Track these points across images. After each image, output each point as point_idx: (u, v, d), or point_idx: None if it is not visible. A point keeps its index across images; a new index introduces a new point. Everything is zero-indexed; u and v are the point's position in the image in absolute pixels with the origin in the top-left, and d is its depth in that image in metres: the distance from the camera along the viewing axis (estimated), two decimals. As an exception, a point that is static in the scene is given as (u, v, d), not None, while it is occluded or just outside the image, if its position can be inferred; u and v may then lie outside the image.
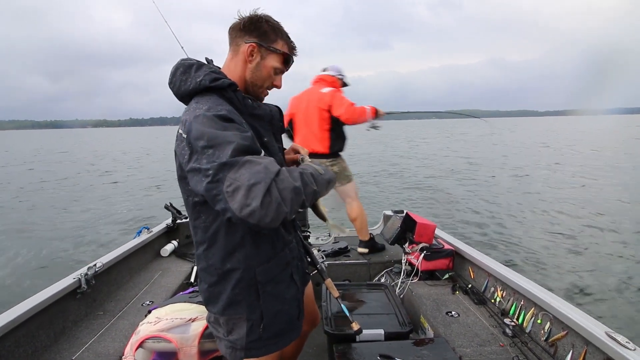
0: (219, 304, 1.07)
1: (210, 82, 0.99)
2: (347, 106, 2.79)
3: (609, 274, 4.19)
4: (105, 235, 6.74)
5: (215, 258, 1.05)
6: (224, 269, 1.04)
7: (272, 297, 1.08)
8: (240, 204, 0.80)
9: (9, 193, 11.37)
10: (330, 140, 2.90)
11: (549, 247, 5.18)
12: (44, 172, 16.61)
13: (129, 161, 21.11)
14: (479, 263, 2.26)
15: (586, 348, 1.44)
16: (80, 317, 1.99)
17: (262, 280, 1.06)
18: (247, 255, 1.04)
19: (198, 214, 1.03)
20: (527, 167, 13.31)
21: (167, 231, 3.16)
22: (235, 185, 0.80)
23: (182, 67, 1.04)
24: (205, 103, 0.95)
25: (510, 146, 22.52)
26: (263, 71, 1.09)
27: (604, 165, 13.21)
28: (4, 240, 6.56)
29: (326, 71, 3.05)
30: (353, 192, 3.00)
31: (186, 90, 1.02)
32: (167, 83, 1.07)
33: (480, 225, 6.36)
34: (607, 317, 3.34)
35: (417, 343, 1.54)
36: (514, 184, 10.00)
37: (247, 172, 0.81)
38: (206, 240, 1.05)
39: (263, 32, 1.06)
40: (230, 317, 1.07)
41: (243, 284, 1.05)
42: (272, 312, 1.08)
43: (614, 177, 10.61)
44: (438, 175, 11.60)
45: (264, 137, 1.08)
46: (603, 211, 6.73)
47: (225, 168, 0.82)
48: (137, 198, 10.20)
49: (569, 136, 32.52)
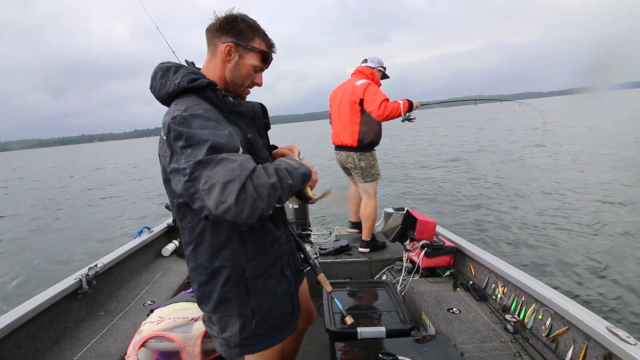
0: (211, 302, 1.08)
1: (189, 82, 1.00)
2: (380, 103, 2.72)
3: (610, 269, 4.20)
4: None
5: (203, 257, 1.06)
6: (212, 268, 1.05)
7: (262, 293, 1.09)
8: (215, 202, 0.80)
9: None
10: (359, 134, 2.88)
11: (550, 242, 5.18)
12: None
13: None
14: (480, 260, 2.26)
15: (587, 343, 1.44)
16: (81, 318, 2.00)
17: (251, 277, 1.07)
18: (234, 252, 1.05)
19: (183, 215, 1.04)
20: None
21: (168, 231, 3.16)
22: (211, 183, 0.81)
23: (160, 71, 1.05)
24: (183, 104, 0.96)
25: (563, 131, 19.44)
26: (242, 70, 1.09)
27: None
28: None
29: (365, 63, 3.02)
30: (373, 191, 2.99)
31: (166, 93, 1.02)
32: (149, 87, 1.07)
33: (480, 221, 6.36)
34: (607, 312, 3.35)
35: (419, 340, 1.55)
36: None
37: (223, 170, 0.82)
38: (193, 240, 1.06)
39: (239, 31, 1.06)
40: (222, 315, 1.08)
41: (232, 281, 1.05)
42: (263, 308, 1.09)
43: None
44: (458, 177, 11.34)
45: (248, 134, 1.09)
46: (611, 205, 6.69)
47: (200, 166, 0.83)
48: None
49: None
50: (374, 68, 2.99)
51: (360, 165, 2.93)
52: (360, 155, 2.92)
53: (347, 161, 3.01)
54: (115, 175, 19.60)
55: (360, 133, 2.88)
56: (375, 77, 2.98)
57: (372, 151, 2.97)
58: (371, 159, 2.95)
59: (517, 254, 4.87)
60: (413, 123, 2.99)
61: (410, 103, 2.83)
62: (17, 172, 31.25)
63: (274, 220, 1.17)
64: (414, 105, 2.87)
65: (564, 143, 14.35)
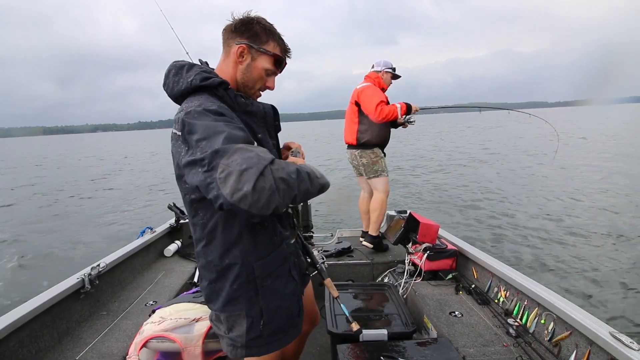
0: (219, 300, 1.08)
1: (201, 81, 1.01)
2: (375, 106, 2.86)
3: (614, 274, 4.17)
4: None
5: (213, 255, 1.06)
6: (223, 265, 1.05)
7: (271, 292, 1.09)
8: (232, 189, 0.78)
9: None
10: (357, 133, 3.05)
11: (553, 247, 5.16)
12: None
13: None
14: (483, 263, 2.25)
15: (590, 348, 1.43)
16: (83, 317, 2.00)
17: (260, 275, 1.07)
18: (245, 250, 1.05)
19: (196, 211, 1.05)
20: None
21: (171, 231, 3.17)
22: (228, 170, 0.79)
23: (174, 69, 1.06)
24: (197, 100, 0.97)
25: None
26: (254, 72, 1.10)
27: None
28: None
29: (373, 67, 3.15)
30: (381, 187, 3.07)
31: (179, 90, 1.04)
32: (163, 85, 1.09)
33: (483, 225, 6.35)
34: (611, 318, 3.33)
35: (421, 343, 1.54)
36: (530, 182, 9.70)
37: (240, 158, 0.80)
38: (204, 237, 1.06)
39: (254, 33, 1.07)
40: (230, 313, 1.08)
41: (242, 280, 1.06)
42: (271, 308, 1.09)
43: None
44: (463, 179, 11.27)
45: (258, 134, 1.10)
46: (613, 210, 6.66)
47: (217, 155, 0.82)
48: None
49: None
50: (379, 72, 3.11)
51: (362, 162, 3.08)
52: (361, 152, 3.07)
53: (352, 158, 3.20)
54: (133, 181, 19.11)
55: (359, 132, 3.05)
56: (381, 81, 3.09)
57: (374, 149, 3.06)
58: (372, 156, 3.05)
59: (520, 258, 4.85)
60: (414, 125, 3.12)
61: (408, 106, 2.95)
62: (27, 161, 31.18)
63: (281, 221, 1.17)
64: (413, 109, 2.99)
65: (574, 155, 14.20)
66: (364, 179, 3.19)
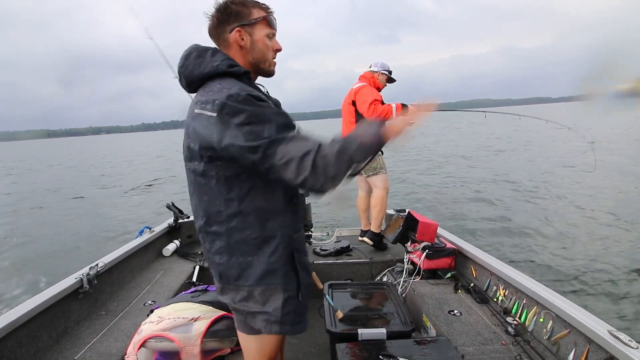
0: (254, 275, 1.06)
1: (228, 67, 1.02)
2: (369, 105, 2.85)
3: (612, 273, 4.18)
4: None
5: (252, 227, 1.05)
6: (262, 237, 1.06)
7: (303, 268, 1.12)
8: (294, 174, 0.90)
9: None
10: None
11: (552, 246, 5.16)
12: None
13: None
14: (481, 262, 2.25)
15: (589, 347, 1.43)
16: (82, 317, 2.00)
17: (297, 248, 1.11)
18: (284, 222, 1.08)
19: (230, 187, 1.03)
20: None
21: (169, 231, 3.16)
22: (287, 157, 0.90)
23: (196, 52, 1.06)
24: (233, 84, 0.98)
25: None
26: (259, 44, 1.10)
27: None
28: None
29: (370, 67, 3.15)
30: (380, 184, 3.07)
31: (200, 73, 1.04)
32: (178, 67, 1.08)
33: (482, 224, 6.35)
34: (609, 316, 3.33)
35: (420, 342, 1.54)
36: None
37: (296, 146, 0.91)
38: (240, 211, 1.04)
39: (236, 13, 1.07)
40: (266, 287, 1.06)
41: (280, 252, 1.07)
42: (304, 283, 1.12)
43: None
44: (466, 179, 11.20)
45: None
46: (613, 210, 6.66)
47: (274, 144, 0.91)
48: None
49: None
50: (375, 72, 3.11)
51: None
52: None
53: None
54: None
55: None
56: (376, 81, 3.09)
57: None
58: None
59: (519, 257, 4.85)
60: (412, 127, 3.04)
61: (404, 106, 2.93)
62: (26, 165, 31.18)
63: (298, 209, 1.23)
64: (409, 110, 2.96)
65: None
66: (363, 178, 3.19)
